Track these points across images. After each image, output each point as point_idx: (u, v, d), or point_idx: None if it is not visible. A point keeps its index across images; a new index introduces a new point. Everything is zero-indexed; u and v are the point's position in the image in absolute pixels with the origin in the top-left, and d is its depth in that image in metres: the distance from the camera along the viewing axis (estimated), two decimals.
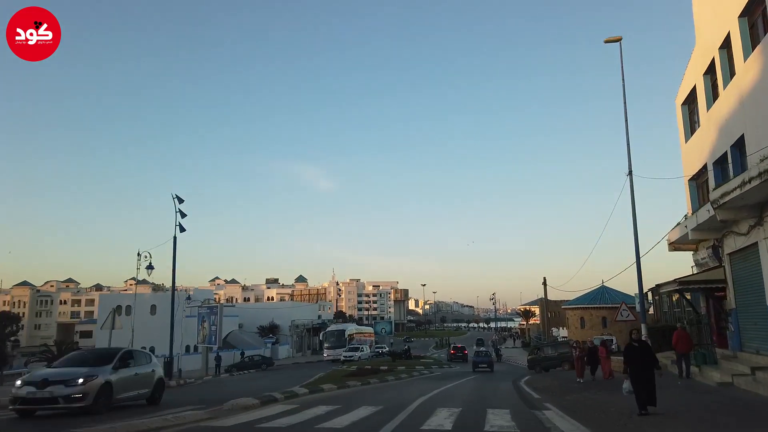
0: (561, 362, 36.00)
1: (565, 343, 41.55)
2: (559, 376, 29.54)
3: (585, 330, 59.26)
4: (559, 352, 37.35)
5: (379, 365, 40.88)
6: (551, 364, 36.71)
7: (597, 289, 61.38)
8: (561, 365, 35.84)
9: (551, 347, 40.68)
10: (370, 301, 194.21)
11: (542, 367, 37.28)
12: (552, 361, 37.04)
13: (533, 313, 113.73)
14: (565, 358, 36.32)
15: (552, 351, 38.88)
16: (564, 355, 36.68)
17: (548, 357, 38.09)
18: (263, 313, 72.72)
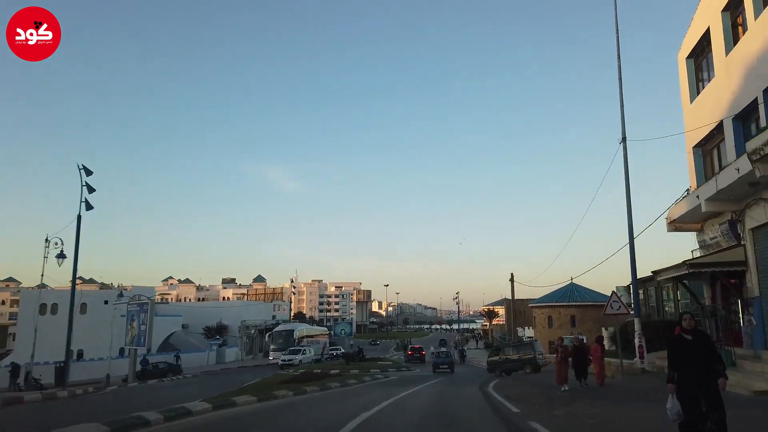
0: (523, 365, 32.55)
1: (528, 344, 37.48)
2: (530, 380, 25.17)
3: (553, 329, 55.43)
4: (521, 354, 33.89)
5: (329, 369, 35.92)
6: (513, 366, 33.22)
7: (566, 286, 57.66)
8: (522, 368, 32.33)
9: (513, 348, 36.93)
10: (332, 302, 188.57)
11: (503, 369, 33.68)
12: (514, 363, 33.50)
13: (497, 314, 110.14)
14: (527, 361, 32.81)
15: (513, 352, 35.14)
16: (526, 358, 33.09)
17: (510, 359, 34.34)
18: (210, 312, 66.59)
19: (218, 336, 65.21)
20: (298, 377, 26.90)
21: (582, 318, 54.35)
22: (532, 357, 33.35)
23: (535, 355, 33.43)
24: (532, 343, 38.55)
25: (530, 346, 35.65)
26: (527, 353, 33.94)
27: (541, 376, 28.58)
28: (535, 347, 35.38)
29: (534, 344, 37.05)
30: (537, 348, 35.56)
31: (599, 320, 55.38)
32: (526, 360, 33.61)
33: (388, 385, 24.17)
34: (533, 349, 34.59)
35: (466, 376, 35.13)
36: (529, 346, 35.71)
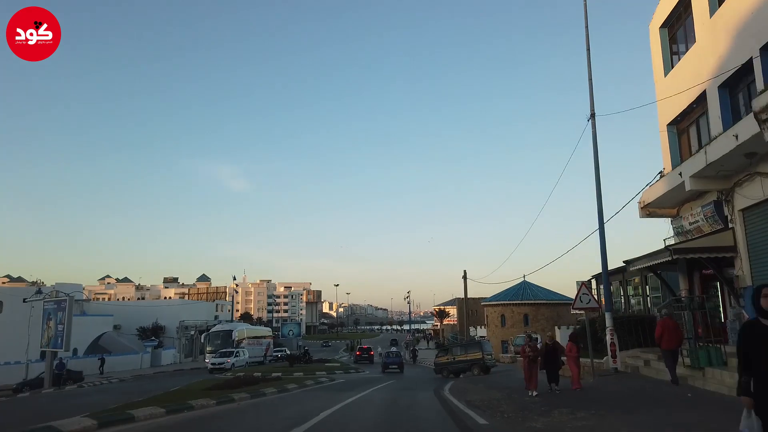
0: (470, 366, 30.97)
1: (477, 344, 35.50)
2: (488, 382, 22.91)
3: (506, 328, 53.97)
4: (469, 354, 32.18)
5: (271, 372, 32.77)
6: (461, 367, 31.64)
7: (518, 284, 56.47)
8: (470, 369, 30.72)
9: (461, 348, 34.84)
10: (281, 303, 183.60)
11: (450, 371, 32.00)
12: (462, 364, 31.91)
13: (448, 314, 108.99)
14: (475, 362, 31.21)
15: (461, 352, 33.24)
16: (474, 359, 31.50)
17: (458, 360, 32.68)
18: (146, 311, 61.72)
19: (154, 337, 60.56)
20: (231, 382, 23.69)
21: (535, 316, 53.08)
22: (480, 357, 31.43)
23: (483, 355, 31.57)
24: (481, 342, 36.66)
25: (479, 346, 33.65)
26: (475, 353, 31.99)
27: (495, 378, 26.44)
28: (484, 347, 33.49)
29: (483, 344, 35.18)
30: (486, 348, 33.69)
31: (552, 319, 54.31)
32: (474, 361, 31.39)
33: (334, 390, 21.37)
34: (482, 349, 32.63)
35: (419, 378, 32.70)
36: (478, 346, 33.72)
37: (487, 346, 34.94)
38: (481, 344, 34.73)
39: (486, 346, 34.18)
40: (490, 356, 32.44)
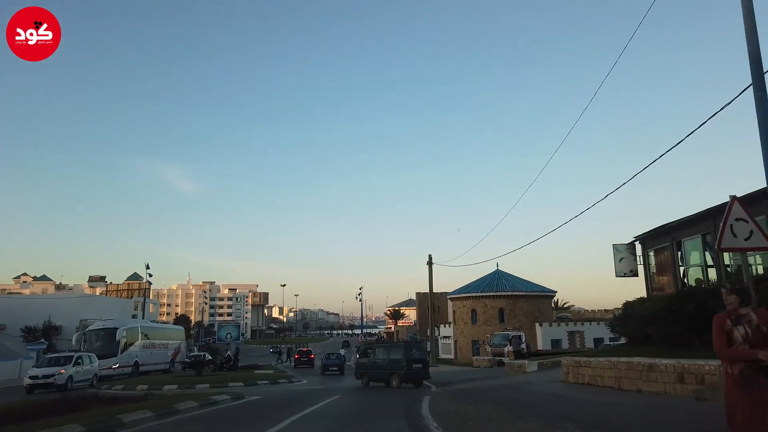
0: (390, 374, 22.44)
1: (407, 345, 26.63)
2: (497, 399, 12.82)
3: (478, 326, 44.32)
4: (392, 357, 23.21)
5: (158, 384, 21.83)
6: (381, 374, 23.09)
7: (491, 274, 46.98)
8: (390, 378, 22.33)
9: (384, 350, 25.11)
10: (224, 306, 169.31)
11: (371, 377, 23.53)
12: (382, 371, 23.09)
13: (403, 315, 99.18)
14: (395, 369, 22.40)
15: (383, 355, 23.91)
16: (395, 365, 22.54)
17: (379, 364, 23.64)
18: (36, 308, 48.89)
19: (43, 339, 47.65)
20: (47, 406, 12.75)
21: (512, 311, 43.64)
22: (402, 362, 22.31)
23: (404, 361, 22.42)
24: (416, 338, 26.64)
25: (409, 348, 24.19)
26: (398, 355, 22.94)
27: (471, 392, 16.34)
28: (410, 351, 23.87)
29: (418, 344, 27.11)
30: (415, 351, 24.01)
31: (531, 314, 45.04)
32: (395, 368, 22.33)
33: (219, 422, 10.80)
34: (409, 351, 23.32)
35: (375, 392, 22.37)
36: (405, 349, 23.92)
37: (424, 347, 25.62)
38: (410, 345, 26.24)
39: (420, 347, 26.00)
40: (419, 363, 23.01)
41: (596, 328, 45.52)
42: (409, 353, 22.91)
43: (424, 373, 22.83)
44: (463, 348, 45.08)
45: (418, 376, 22.47)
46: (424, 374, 22.76)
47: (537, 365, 23.92)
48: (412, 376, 22.13)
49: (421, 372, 22.63)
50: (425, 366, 23.10)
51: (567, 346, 42.70)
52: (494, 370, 32.41)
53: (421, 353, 24.40)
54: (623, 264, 19.45)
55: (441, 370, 35.79)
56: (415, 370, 22.24)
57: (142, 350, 32.12)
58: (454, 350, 47.68)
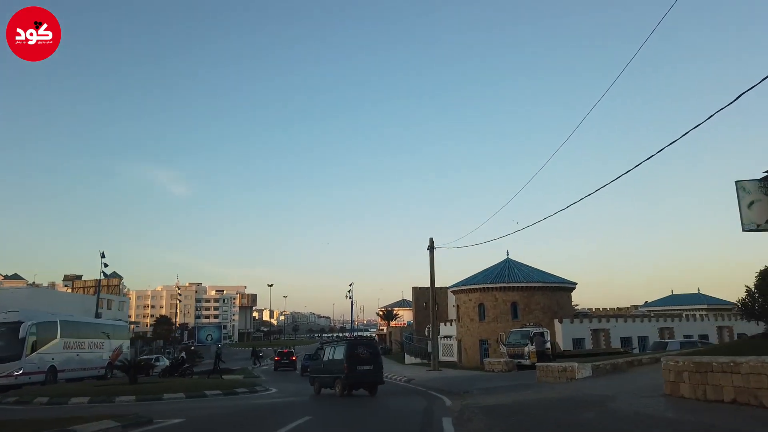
0: (334, 379, 18.71)
1: (352, 342, 20.49)
2: None
3: (486, 323, 37.30)
4: (335, 357, 19.12)
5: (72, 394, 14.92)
6: (327, 379, 19.37)
7: (501, 263, 40.08)
8: (334, 384, 18.64)
9: (331, 348, 20.54)
10: (211, 308, 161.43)
11: (321, 383, 19.77)
12: (328, 374, 19.27)
13: (396, 315, 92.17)
14: (340, 368, 18.22)
15: (329, 355, 19.83)
16: (338, 363, 18.45)
17: (326, 366, 19.68)
18: None
19: None
20: None
21: (527, 305, 36.67)
22: (341, 367, 18.00)
23: (344, 363, 17.99)
24: (361, 338, 24.44)
25: (353, 346, 19.05)
26: (338, 359, 18.60)
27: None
28: (370, 346, 20.05)
29: (369, 340, 22.71)
30: (362, 350, 19.08)
31: (550, 309, 37.96)
32: (337, 372, 18.35)
33: None
34: (352, 350, 18.56)
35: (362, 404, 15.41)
36: (348, 347, 18.83)
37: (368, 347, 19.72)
38: (349, 344, 19.82)
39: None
40: (365, 365, 18.42)
41: (623, 325, 38.82)
42: (352, 352, 18.31)
43: (375, 376, 18.58)
44: (469, 349, 38.12)
45: (364, 381, 18.38)
46: (374, 378, 18.55)
47: (591, 369, 17.00)
48: (356, 381, 18.19)
49: (369, 376, 18.36)
50: (377, 368, 18.67)
51: (591, 346, 35.95)
52: (516, 375, 25.53)
53: (373, 352, 19.25)
54: (756, 211, 12.35)
55: (447, 376, 28.88)
56: (360, 374, 18.11)
57: (61, 352, 24.72)
58: (457, 352, 40.70)
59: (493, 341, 36.37)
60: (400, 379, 28.27)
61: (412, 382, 25.98)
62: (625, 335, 38.18)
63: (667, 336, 40.28)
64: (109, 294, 65.07)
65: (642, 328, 39.24)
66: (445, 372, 32.03)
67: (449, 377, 27.50)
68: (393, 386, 25.30)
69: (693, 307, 47.42)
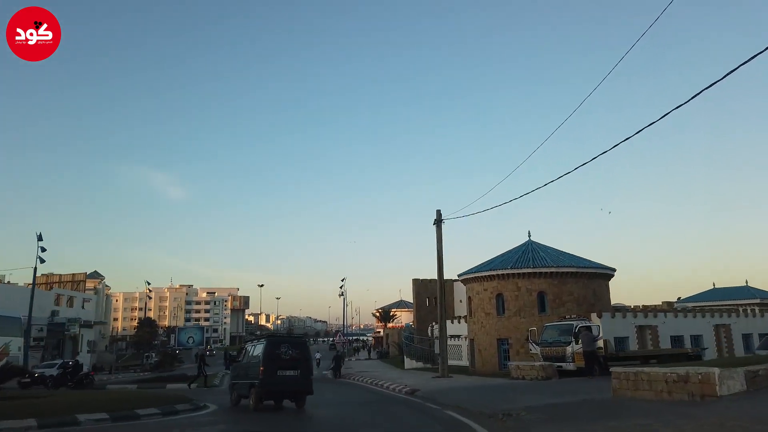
0: (249, 386, 14.46)
1: (272, 340, 16.00)
2: None
3: (507, 318, 29.55)
4: (252, 360, 15.01)
5: None
6: (244, 387, 14.97)
7: (522, 245, 32.51)
8: (249, 394, 14.44)
9: (252, 346, 16.42)
10: (201, 310, 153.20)
11: (240, 391, 15.41)
12: (245, 380, 14.93)
13: (393, 316, 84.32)
14: (255, 373, 14.20)
15: (248, 357, 15.73)
16: (254, 367, 14.44)
17: (244, 370, 15.40)
18: None
19: None
20: None
21: (557, 295, 29.03)
22: (257, 371, 14.09)
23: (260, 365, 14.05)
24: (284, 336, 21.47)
25: (273, 345, 14.92)
26: (255, 361, 14.66)
27: None
28: (297, 345, 15.47)
29: (297, 339, 17.31)
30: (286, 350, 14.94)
31: (586, 300, 30.12)
32: (253, 378, 14.33)
33: None
34: (272, 349, 14.57)
35: None
36: (268, 345, 14.82)
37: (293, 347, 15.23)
38: (269, 342, 15.39)
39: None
40: (290, 370, 14.41)
41: (673, 321, 31.14)
42: (272, 351, 14.46)
43: (301, 384, 14.58)
44: (484, 350, 30.45)
45: (286, 390, 14.59)
46: (299, 386, 14.59)
47: (744, 378, 9.46)
48: (275, 390, 14.44)
49: (292, 383, 14.46)
50: (304, 374, 14.76)
51: (636, 346, 28.39)
52: (562, 386, 17.91)
53: (300, 352, 15.05)
54: None
55: (462, 384, 21.22)
56: (280, 381, 14.24)
57: None
58: (468, 354, 33.11)
59: (516, 340, 28.69)
60: (399, 389, 20.62)
61: (416, 395, 18.32)
62: (676, 333, 30.53)
63: (723, 334, 32.75)
64: (73, 291, 57.15)
65: (694, 325, 31.59)
66: (457, 380, 24.35)
67: (467, 387, 19.84)
68: (391, 400, 17.66)
69: (742, 302, 39.85)
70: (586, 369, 20.34)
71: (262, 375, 13.78)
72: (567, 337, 21.65)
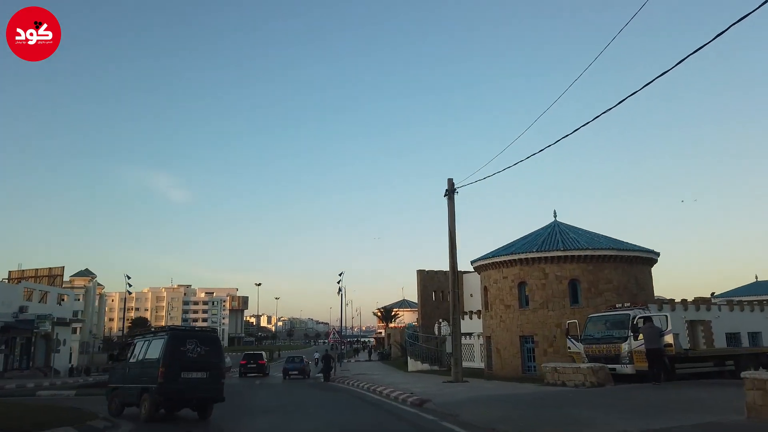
0: (141, 392, 11.77)
1: (175, 333, 12.30)
2: None
3: (532, 310, 24.31)
4: (146, 358, 12.18)
5: None
6: (130, 393, 12.26)
7: (546, 227, 27.38)
8: (139, 402, 11.78)
9: (144, 343, 12.58)
10: (200, 310, 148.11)
11: (123, 398, 12.65)
12: (134, 385, 12.12)
13: (395, 315, 79.10)
14: (152, 375, 11.53)
15: (141, 355, 12.35)
16: (151, 367, 11.78)
17: (134, 371, 12.46)
18: None
19: None
20: None
21: (593, 284, 23.84)
22: (155, 372, 11.27)
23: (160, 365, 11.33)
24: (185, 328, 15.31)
25: (176, 340, 11.80)
26: (152, 359, 11.84)
27: None
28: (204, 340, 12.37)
29: (205, 333, 13.32)
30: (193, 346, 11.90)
31: (627, 288, 24.62)
32: (147, 382, 11.54)
33: None
34: (174, 346, 11.68)
35: None
36: (169, 341, 11.66)
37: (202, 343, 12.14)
38: (172, 336, 12.11)
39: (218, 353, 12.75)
40: (197, 372, 11.60)
41: (728, 316, 26.01)
42: (176, 349, 11.47)
43: (211, 389, 11.70)
44: (503, 350, 25.26)
45: (193, 396, 11.61)
46: (208, 392, 11.71)
47: None
48: (180, 397, 11.44)
49: (201, 388, 11.57)
50: (215, 376, 11.86)
51: (688, 345, 23.25)
52: (634, 395, 12.79)
53: (211, 351, 12.19)
54: None
55: (486, 392, 16.05)
56: (185, 384, 11.30)
57: None
58: (484, 355, 28.05)
59: (543, 338, 23.50)
60: (404, 398, 15.46)
61: (428, 407, 13.19)
62: (732, 330, 25.33)
63: None
64: (48, 285, 52.11)
65: (752, 321, 26.41)
66: (475, 385, 19.20)
67: (495, 396, 14.66)
68: (391, 416, 12.56)
69: None
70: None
71: (163, 378, 11.11)
72: (622, 331, 16.47)
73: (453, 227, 21.56)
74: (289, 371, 32.73)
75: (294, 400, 17.18)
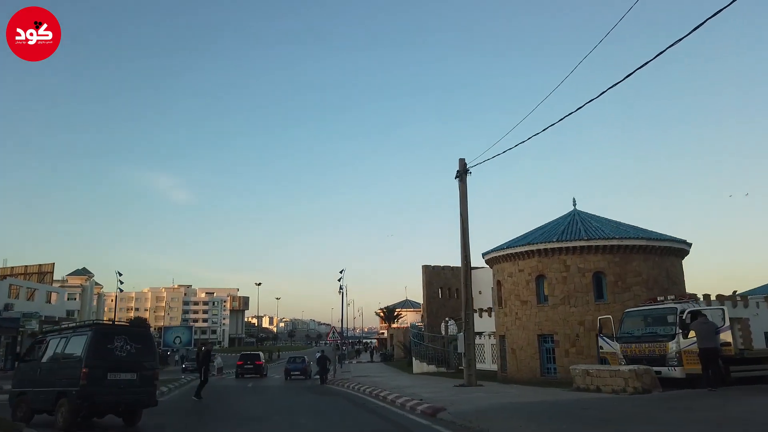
0: (57, 395, 9.82)
1: (100, 328, 10.41)
2: None
3: (552, 306, 21.83)
4: (65, 355, 10.49)
5: None
6: (44, 397, 10.16)
7: (565, 216, 24.93)
8: (55, 408, 9.81)
9: (60, 340, 10.82)
10: (199, 310, 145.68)
11: (36, 403, 10.51)
12: (48, 388, 10.15)
13: (398, 315, 76.62)
14: (73, 375, 9.74)
15: (58, 352, 10.63)
16: (71, 366, 10.05)
17: (46, 372, 10.68)
18: None
19: None
20: None
21: (620, 276, 21.34)
22: (76, 373, 9.64)
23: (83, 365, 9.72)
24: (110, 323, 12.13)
25: (102, 336, 10.18)
26: (73, 356, 10.11)
27: None
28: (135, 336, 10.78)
29: (137, 328, 12.25)
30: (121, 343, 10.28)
31: (658, 281, 21.36)
32: (66, 384, 9.76)
33: None
34: (100, 342, 10.09)
35: None
36: (94, 336, 10.02)
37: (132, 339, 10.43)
38: (96, 331, 10.26)
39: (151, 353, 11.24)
40: (126, 373, 10.06)
41: (766, 313, 23.62)
42: (102, 346, 10.02)
43: (141, 393, 10.33)
44: (520, 350, 22.81)
45: (120, 401, 10.12)
46: (138, 396, 10.34)
47: None
48: (105, 401, 9.91)
49: (130, 391, 10.14)
50: (147, 378, 10.48)
51: None
52: (698, 405, 10.34)
53: (142, 348, 10.58)
54: None
55: (508, 399, 13.61)
56: (111, 388, 9.86)
57: None
58: (497, 355, 25.68)
59: (564, 336, 21.03)
60: (412, 405, 13.04)
61: (442, 417, 10.74)
62: None
63: None
64: (37, 283, 49.84)
65: None
66: (493, 390, 16.76)
67: (523, 405, 12.21)
68: (400, 427, 10.17)
69: None
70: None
71: (86, 379, 9.55)
72: (668, 327, 14.02)
73: (465, 213, 19.16)
74: (291, 372, 32.59)
75: (284, 407, 14.79)
